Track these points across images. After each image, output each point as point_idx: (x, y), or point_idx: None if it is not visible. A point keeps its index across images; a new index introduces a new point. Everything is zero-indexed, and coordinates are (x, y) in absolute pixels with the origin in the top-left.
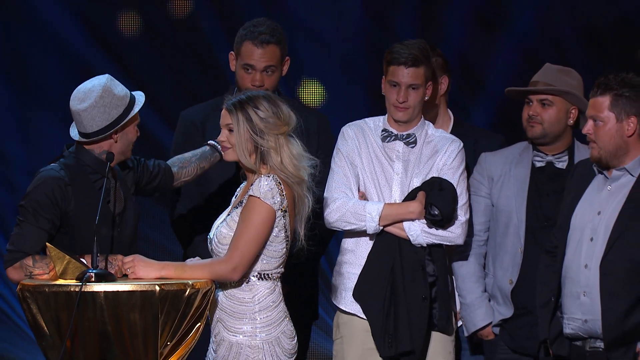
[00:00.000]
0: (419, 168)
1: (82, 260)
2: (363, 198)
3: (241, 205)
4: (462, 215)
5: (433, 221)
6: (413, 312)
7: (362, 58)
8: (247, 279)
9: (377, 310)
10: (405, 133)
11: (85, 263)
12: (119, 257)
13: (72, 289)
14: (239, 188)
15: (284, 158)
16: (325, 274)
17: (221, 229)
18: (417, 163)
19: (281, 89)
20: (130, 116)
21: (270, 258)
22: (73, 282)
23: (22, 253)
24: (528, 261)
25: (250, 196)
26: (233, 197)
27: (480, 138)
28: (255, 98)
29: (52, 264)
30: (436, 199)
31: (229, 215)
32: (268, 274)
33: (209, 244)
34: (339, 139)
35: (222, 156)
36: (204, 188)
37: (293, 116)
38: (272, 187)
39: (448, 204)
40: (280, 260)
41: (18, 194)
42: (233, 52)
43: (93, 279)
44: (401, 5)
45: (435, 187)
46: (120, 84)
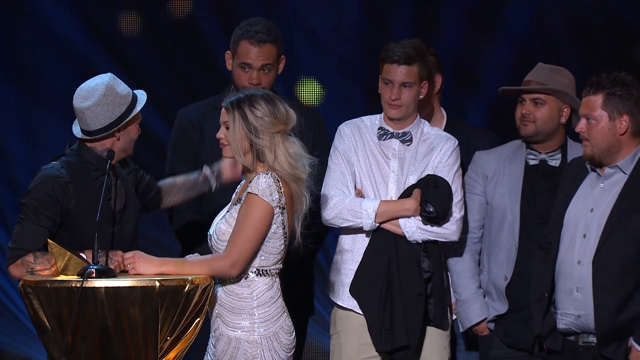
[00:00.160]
0: (415, 166)
1: (83, 255)
2: (359, 195)
3: (240, 202)
4: (457, 212)
5: (428, 218)
6: (409, 308)
7: (360, 57)
8: (246, 275)
9: (374, 305)
10: (401, 131)
11: (85, 259)
12: (119, 253)
13: (73, 285)
14: (239, 185)
15: (279, 157)
16: (322, 270)
17: (220, 226)
18: (413, 161)
19: (280, 88)
20: (132, 114)
21: (268, 254)
22: (74, 278)
23: (24, 250)
24: (522, 258)
25: (248, 193)
26: (233, 194)
27: (472, 136)
28: (252, 97)
29: (53, 260)
30: (431, 196)
31: (228, 212)
32: (266, 270)
33: (209, 240)
34: (336, 137)
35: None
36: None
37: (292, 115)
38: (271, 185)
39: (443, 201)
40: (278, 256)
41: (20, 192)
42: (229, 52)
43: (94, 275)
44: (398, 5)
45: (430, 185)
46: (122, 83)
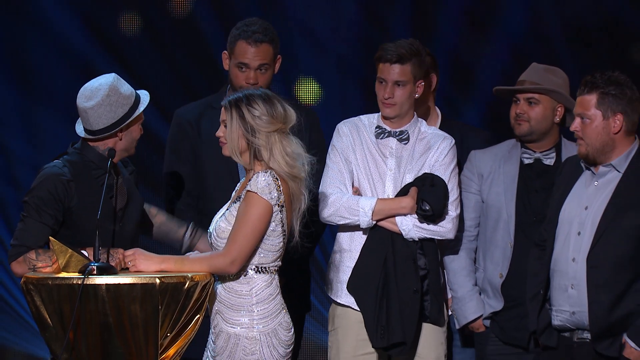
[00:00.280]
0: (412, 164)
1: (84, 253)
2: (357, 193)
3: (239, 200)
4: (453, 210)
5: (424, 216)
6: (405, 305)
7: (358, 57)
8: (245, 272)
9: (370, 302)
10: (398, 130)
11: (87, 256)
12: (120, 251)
13: (75, 282)
14: (238, 183)
15: (276, 156)
16: (320, 267)
17: (220, 223)
18: (410, 159)
19: (279, 87)
20: (135, 115)
21: (267, 252)
22: (75, 275)
23: (26, 247)
24: (517, 255)
25: (248, 191)
26: (232, 192)
27: (467, 134)
28: (250, 96)
29: (55, 258)
30: (428, 195)
31: (228, 209)
32: (265, 267)
33: (209, 238)
34: (334, 136)
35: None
36: (201, 184)
37: (290, 115)
38: (270, 183)
39: (439, 200)
40: (277, 254)
41: (22, 190)
42: (226, 52)
43: (95, 272)
44: (395, 5)
45: (427, 183)
46: (126, 83)
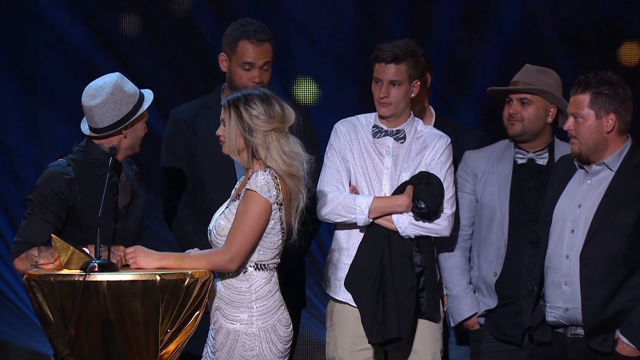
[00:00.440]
0: (408, 163)
1: (86, 250)
2: (354, 192)
3: (239, 198)
4: (449, 208)
5: (420, 214)
6: (401, 301)
7: (355, 57)
8: (245, 269)
9: (367, 299)
10: (394, 129)
11: (88, 253)
12: (121, 248)
13: (76, 279)
14: (238, 182)
15: (273, 155)
16: (318, 264)
17: (219, 221)
18: (406, 158)
19: (277, 87)
20: (139, 113)
21: (266, 249)
22: (77, 272)
23: (29, 244)
24: (511, 254)
25: (247, 190)
26: (229, 191)
27: (460, 133)
28: (249, 96)
29: (57, 254)
30: (423, 193)
31: (227, 207)
32: (264, 265)
33: (208, 235)
34: (332, 135)
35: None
36: (197, 183)
37: (288, 114)
38: (269, 181)
39: (435, 198)
40: (276, 251)
41: (25, 188)
42: (224, 54)
43: (96, 269)
44: (392, 6)
45: (423, 182)
46: (130, 82)
